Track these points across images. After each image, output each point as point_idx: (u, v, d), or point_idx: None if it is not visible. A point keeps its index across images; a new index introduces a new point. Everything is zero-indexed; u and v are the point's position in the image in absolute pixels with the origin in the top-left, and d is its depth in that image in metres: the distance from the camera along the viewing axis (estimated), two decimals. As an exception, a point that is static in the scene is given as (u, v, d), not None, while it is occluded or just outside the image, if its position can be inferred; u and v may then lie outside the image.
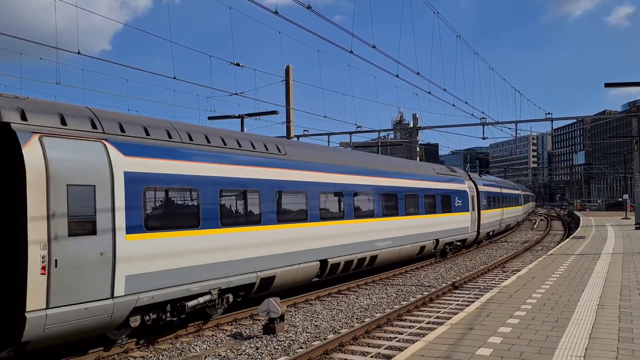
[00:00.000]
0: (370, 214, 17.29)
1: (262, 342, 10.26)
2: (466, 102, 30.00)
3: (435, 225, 22.35)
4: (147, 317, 9.72)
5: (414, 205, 20.48)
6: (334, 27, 13.99)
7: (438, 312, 12.88)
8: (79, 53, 13.44)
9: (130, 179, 9.41)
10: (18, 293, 7.85)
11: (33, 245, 7.86)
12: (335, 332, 11.16)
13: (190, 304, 10.37)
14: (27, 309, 7.74)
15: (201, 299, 10.67)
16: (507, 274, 19.06)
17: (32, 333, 7.82)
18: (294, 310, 13.23)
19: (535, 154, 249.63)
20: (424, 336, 8.81)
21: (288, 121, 25.35)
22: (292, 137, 25.71)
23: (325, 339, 10.45)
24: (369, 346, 9.98)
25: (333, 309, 13.47)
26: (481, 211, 29.11)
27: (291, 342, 10.32)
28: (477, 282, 17.48)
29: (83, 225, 8.55)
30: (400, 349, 9.31)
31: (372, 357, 9.24)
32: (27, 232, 7.81)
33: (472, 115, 48.54)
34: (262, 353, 9.60)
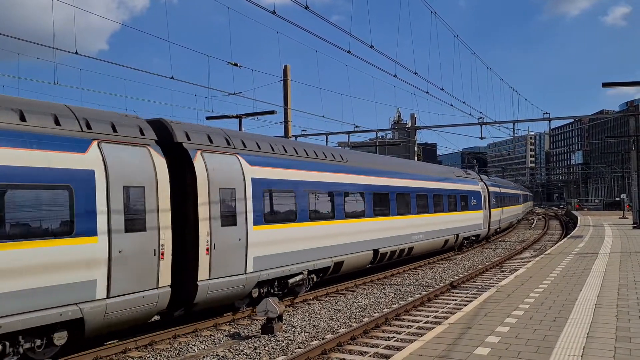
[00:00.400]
0: (408, 212, 20.25)
1: (261, 342, 10.25)
2: (464, 102, 30.12)
3: (456, 222, 25.38)
4: (262, 290, 12.64)
5: (440, 204, 23.46)
6: (332, 27, 14.02)
7: (436, 311, 12.90)
8: (76, 53, 13.42)
9: (255, 183, 12.30)
10: (192, 268, 10.66)
11: (202, 232, 10.73)
12: (334, 331, 11.16)
13: (290, 281, 13.46)
14: (198, 279, 10.63)
15: (297, 278, 13.71)
16: (505, 273, 19.09)
17: (200, 297, 10.72)
18: (292, 310, 13.23)
19: (533, 153, 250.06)
20: (422, 336, 8.82)
21: (286, 121, 25.36)
22: (290, 137, 25.71)
23: (323, 338, 10.45)
24: (367, 346, 9.99)
25: (331, 308, 13.48)
26: (491, 209, 32.08)
27: (289, 342, 10.32)
28: (475, 282, 17.50)
29: (229, 218, 11.43)
30: (399, 349, 9.32)
31: (370, 356, 9.24)
32: (198, 223, 10.68)
33: (470, 115, 48.52)
34: (260, 353, 9.59)
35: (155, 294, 9.80)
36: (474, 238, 28.88)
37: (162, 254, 10.01)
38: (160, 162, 10.21)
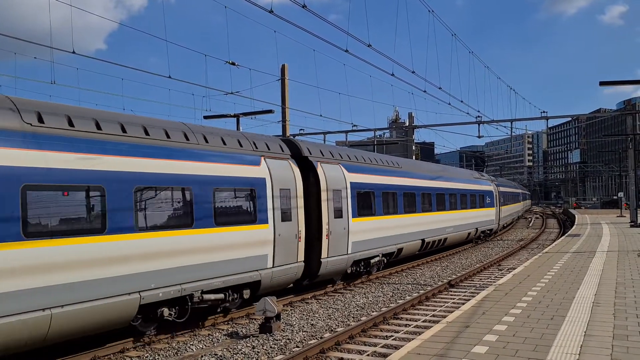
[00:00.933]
0: (444, 208, 24.28)
1: (259, 341, 10.26)
2: (462, 101, 30.12)
3: (476, 217, 29.73)
4: (354, 268, 16.40)
5: (465, 202, 27.75)
6: (329, 26, 14.00)
7: (434, 310, 12.91)
8: (73, 52, 13.39)
9: (352, 186, 16.19)
10: (317, 248, 14.46)
11: (324, 222, 14.57)
12: (332, 330, 11.17)
13: (372, 261, 17.31)
14: (321, 257, 14.50)
15: (376, 259, 17.53)
16: (502, 272, 19.12)
17: (322, 270, 14.58)
18: (290, 309, 13.23)
19: (530, 152, 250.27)
20: (420, 334, 8.83)
21: (284, 120, 25.34)
22: (287, 136, 25.70)
23: (321, 337, 10.45)
24: (365, 345, 10.00)
25: (329, 307, 13.48)
26: (500, 207, 36.89)
27: (287, 341, 10.33)
28: (473, 280, 17.52)
29: (338, 212, 15.25)
30: (397, 347, 9.33)
31: (368, 355, 9.25)
32: (322, 216, 14.52)
33: (468, 113, 48.60)
34: (258, 352, 9.60)
35: (296, 266, 13.54)
36: (488, 232, 33.08)
37: (300, 237, 13.71)
38: (297, 171, 13.97)
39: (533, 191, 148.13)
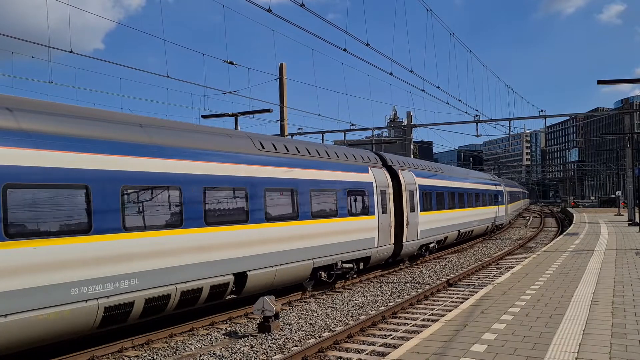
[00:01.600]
0: (471, 205, 29.45)
1: (257, 340, 10.25)
2: (460, 100, 30.08)
3: (492, 213, 35.39)
4: (420, 251, 21.40)
5: (485, 200, 33.23)
6: (328, 25, 14.02)
7: (432, 309, 12.91)
8: (71, 52, 13.36)
9: (420, 188, 20.96)
10: (400, 235, 19.00)
11: (405, 215, 19.26)
12: (330, 330, 11.16)
13: (430, 246, 22.44)
14: (403, 241, 19.04)
15: (431, 245, 22.63)
16: (501, 270, 19.14)
17: (403, 251, 19.19)
18: (289, 309, 13.23)
19: (528, 151, 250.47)
20: (418, 333, 8.83)
21: (282, 119, 25.32)
22: (286, 136, 25.68)
23: (320, 336, 10.45)
24: (364, 344, 9.99)
25: (328, 307, 13.48)
26: (508, 204, 43.35)
27: (286, 340, 10.32)
28: (471, 279, 17.53)
29: (412, 207, 19.95)
30: (395, 346, 9.33)
31: (367, 354, 9.25)
32: (403, 210, 19.17)
33: (466, 112, 48.32)
34: (257, 351, 9.59)
35: (389, 247, 18.36)
36: (500, 225, 39.30)
37: (392, 226, 18.46)
38: (388, 176, 18.71)
39: (531, 190, 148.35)
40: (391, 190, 18.51)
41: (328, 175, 15.10)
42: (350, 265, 15.95)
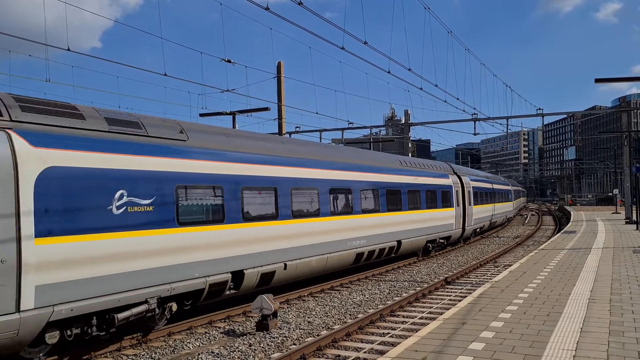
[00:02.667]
0: (493, 201, 36.16)
1: (255, 338, 10.25)
2: (457, 98, 30.11)
3: (507, 207, 44.00)
4: (471, 235, 29.44)
5: (501, 198, 40.34)
6: (326, 24, 14.00)
7: (431, 307, 12.93)
8: (68, 50, 13.32)
9: (473, 188, 29.13)
10: (464, 222, 26.86)
11: (467, 208, 27.36)
12: (329, 328, 11.17)
13: (476, 231, 30.57)
14: (465, 226, 27.19)
15: (477, 230, 30.68)
16: (499, 268, 19.16)
17: (464, 234, 27.46)
18: (287, 307, 13.23)
19: (526, 149, 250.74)
20: (416, 331, 8.84)
21: (280, 118, 25.30)
22: (283, 134, 25.67)
23: (318, 335, 10.46)
24: (362, 342, 10.00)
25: (326, 305, 13.48)
26: (514, 201, 53.05)
27: (284, 338, 10.32)
28: (469, 277, 17.55)
29: (470, 201, 28.06)
30: (394, 345, 9.34)
31: (365, 352, 9.25)
32: (465, 205, 27.19)
33: (464, 111, 48.42)
34: (255, 350, 9.59)
35: (459, 230, 25.79)
36: (509, 218, 48.23)
37: (461, 215, 25.81)
38: (457, 180, 25.98)
39: (529, 188, 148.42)
40: (460, 190, 26.07)
41: (433, 180, 23.16)
42: (442, 241, 24.03)
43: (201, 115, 26.89)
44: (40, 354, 8.30)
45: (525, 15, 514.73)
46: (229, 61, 19.37)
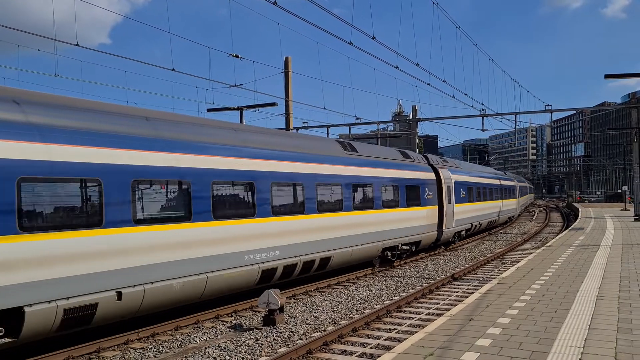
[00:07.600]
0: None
1: (262, 333, 10.28)
2: (466, 94, 29.97)
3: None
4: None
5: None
6: (334, 19, 13.94)
7: (437, 303, 12.91)
8: (77, 45, 13.36)
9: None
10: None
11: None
12: (335, 323, 11.18)
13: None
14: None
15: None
16: (506, 265, 19.10)
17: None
18: (294, 302, 13.25)
19: (534, 145, 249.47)
20: (423, 327, 8.83)
21: (287, 113, 25.29)
22: (291, 129, 25.65)
23: (324, 330, 10.48)
24: (369, 337, 10.01)
25: (332, 300, 13.50)
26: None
27: (291, 333, 10.35)
28: (476, 274, 17.51)
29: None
30: (400, 340, 9.34)
31: (371, 348, 9.26)
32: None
33: (472, 106, 48.19)
34: (262, 344, 9.62)
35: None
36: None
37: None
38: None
39: (537, 185, 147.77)
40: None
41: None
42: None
43: (209, 110, 26.88)
44: None
45: (533, 11, 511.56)
46: (236, 56, 19.37)
